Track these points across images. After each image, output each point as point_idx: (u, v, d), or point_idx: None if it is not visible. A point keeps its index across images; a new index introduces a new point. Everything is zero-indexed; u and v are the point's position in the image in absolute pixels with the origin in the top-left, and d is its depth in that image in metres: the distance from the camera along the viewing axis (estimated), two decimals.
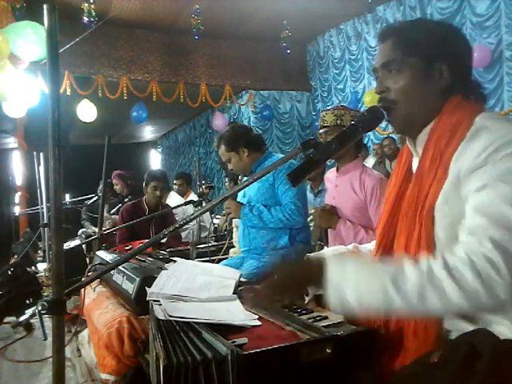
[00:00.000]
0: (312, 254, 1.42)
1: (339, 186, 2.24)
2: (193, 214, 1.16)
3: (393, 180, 1.18)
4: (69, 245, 2.95)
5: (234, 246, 3.17)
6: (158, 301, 1.21)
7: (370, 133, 6.67)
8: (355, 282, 0.90)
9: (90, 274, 1.81)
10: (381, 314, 0.95)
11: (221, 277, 1.46)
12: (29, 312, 1.97)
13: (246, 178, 2.74)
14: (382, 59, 1.10)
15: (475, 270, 0.84)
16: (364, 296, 0.89)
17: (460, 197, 0.96)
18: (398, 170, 1.17)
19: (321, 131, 2.23)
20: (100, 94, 7.26)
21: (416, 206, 1.02)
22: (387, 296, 0.87)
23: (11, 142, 8.33)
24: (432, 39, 1.06)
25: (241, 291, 1.40)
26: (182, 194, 5.28)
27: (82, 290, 1.66)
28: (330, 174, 2.38)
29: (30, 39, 3.91)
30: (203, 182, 3.12)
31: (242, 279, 1.55)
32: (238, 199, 2.60)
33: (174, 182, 5.48)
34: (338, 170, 2.27)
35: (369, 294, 0.89)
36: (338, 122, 2.16)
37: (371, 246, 1.33)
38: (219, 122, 8.62)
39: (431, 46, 1.06)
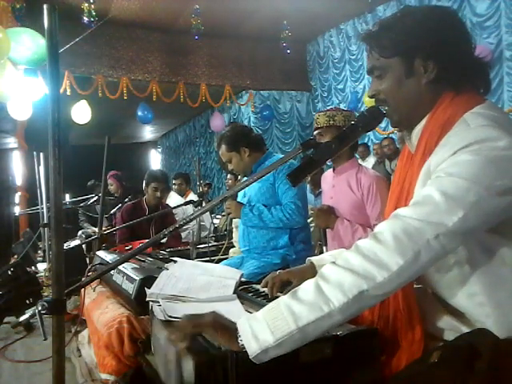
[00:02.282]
0: (312, 258, 1.42)
1: (336, 186, 2.26)
2: (193, 214, 1.16)
3: (396, 177, 1.18)
4: (69, 245, 2.95)
5: (234, 246, 3.17)
6: (158, 301, 1.21)
7: (369, 133, 6.67)
8: (262, 315, 0.89)
9: (90, 274, 1.81)
10: (298, 336, 0.86)
11: (221, 277, 1.46)
12: (29, 312, 1.98)
13: (244, 178, 2.74)
14: (367, 66, 1.11)
15: (360, 251, 0.87)
16: (273, 320, 0.86)
17: None
18: (401, 167, 1.16)
19: (314, 133, 2.27)
20: (100, 94, 7.26)
21: (405, 203, 1.02)
22: (290, 308, 0.86)
23: (11, 141, 8.33)
24: (411, 35, 1.02)
25: (241, 291, 1.40)
26: (182, 193, 5.28)
27: (82, 290, 1.66)
28: (328, 175, 2.39)
29: (25, 45, 3.90)
30: (201, 181, 3.13)
31: (242, 279, 1.54)
32: (239, 199, 2.60)
33: (173, 181, 5.48)
34: (334, 170, 2.29)
35: (277, 316, 0.87)
36: (331, 122, 2.19)
37: None
38: (217, 122, 8.61)
39: (410, 42, 1.02)
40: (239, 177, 2.91)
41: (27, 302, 2.07)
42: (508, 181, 0.87)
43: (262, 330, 0.86)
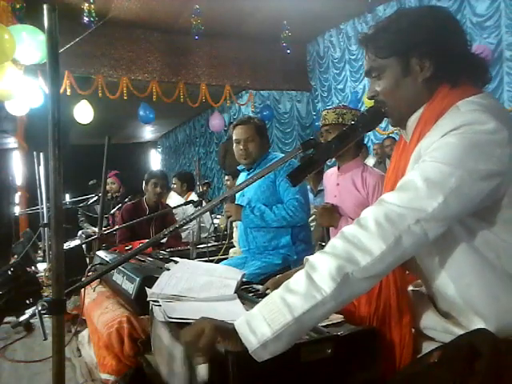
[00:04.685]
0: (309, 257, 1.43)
1: (341, 185, 2.25)
2: (193, 214, 1.16)
3: (391, 165, 1.18)
4: (69, 245, 2.95)
5: (234, 246, 3.17)
6: (158, 301, 1.21)
7: (370, 133, 6.67)
8: (258, 310, 0.90)
9: (90, 273, 1.81)
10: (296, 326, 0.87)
11: (222, 277, 1.46)
12: (29, 312, 1.98)
13: (242, 178, 2.73)
14: (365, 68, 1.12)
15: (345, 237, 0.90)
16: (269, 313, 0.88)
17: None
18: (396, 157, 1.16)
19: (322, 129, 2.26)
20: (100, 94, 7.25)
21: None
22: (284, 300, 0.87)
23: (11, 141, 8.31)
24: (406, 35, 1.04)
25: (242, 291, 1.40)
26: (182, 194, 5.26)
27: (82, 290, 1.66)
28: (331, 173, 2.39)
29: (26, 43, 3.90)
30: (201, 181, 3.14)
31: (244, 279, 1.54)
32: (237, 199, 2.59)
33: (173, 181, 5.46)
34: (339, 168, 2.29)
35: (272, 309, 0.88)
36: (340, 120, 2.18)
37: None
38: (216, 122, 8.60)
39: (405, 42, 1.04)
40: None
41: (27, 302, 2.08)
42: (492, 165, 0.88)
43: (259, 325, 0.87)
